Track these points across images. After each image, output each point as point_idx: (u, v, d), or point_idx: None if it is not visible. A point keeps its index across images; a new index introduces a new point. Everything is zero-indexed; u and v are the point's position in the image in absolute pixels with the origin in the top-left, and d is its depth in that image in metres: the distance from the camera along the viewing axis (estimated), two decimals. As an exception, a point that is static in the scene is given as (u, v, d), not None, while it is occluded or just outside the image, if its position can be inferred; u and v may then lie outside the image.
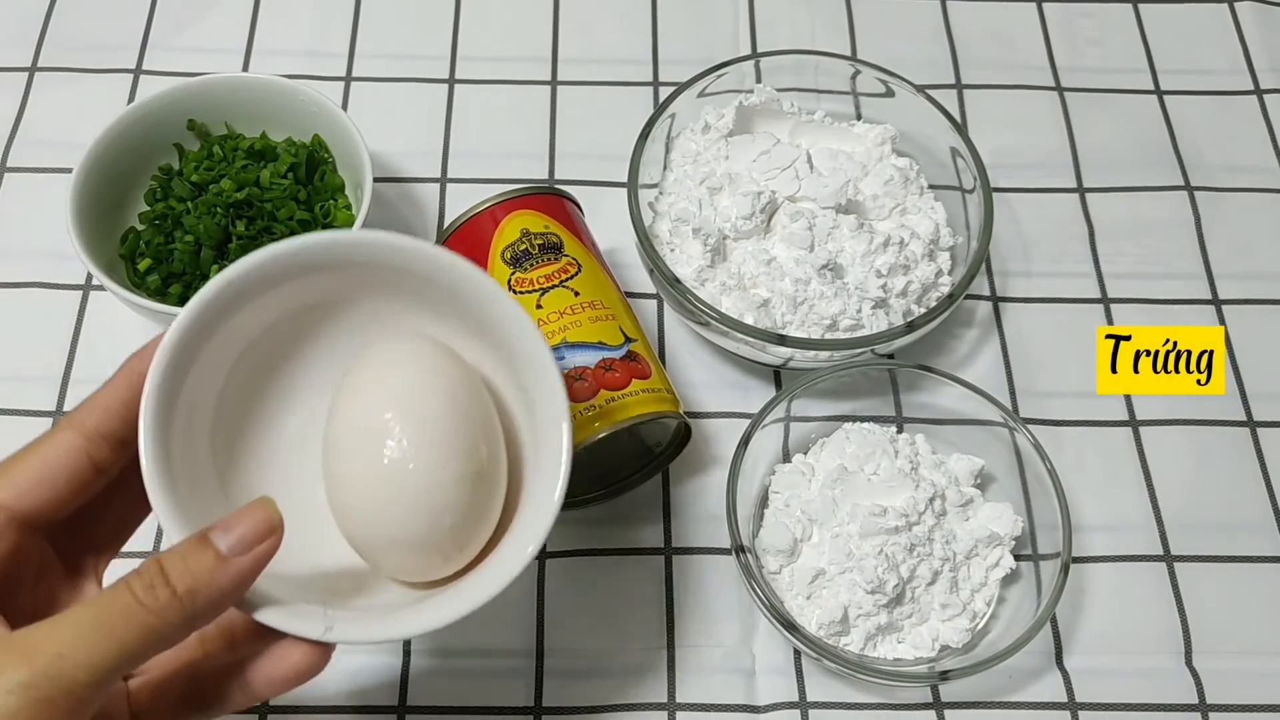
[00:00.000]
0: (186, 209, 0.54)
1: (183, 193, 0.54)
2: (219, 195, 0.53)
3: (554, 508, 0.36)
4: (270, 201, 0.53)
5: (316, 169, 0.56)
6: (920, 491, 0.50)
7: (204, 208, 0.53)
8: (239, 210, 0.53)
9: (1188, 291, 0.61)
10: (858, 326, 0.53)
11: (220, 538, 0.32)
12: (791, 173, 0.56)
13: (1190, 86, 0.68)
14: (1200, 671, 0.50)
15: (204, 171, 0.55)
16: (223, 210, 0.53)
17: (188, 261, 0.53)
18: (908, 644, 0.49)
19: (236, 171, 0.54)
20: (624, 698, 0.49)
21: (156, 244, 0.53)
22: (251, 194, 0.53)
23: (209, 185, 0.54)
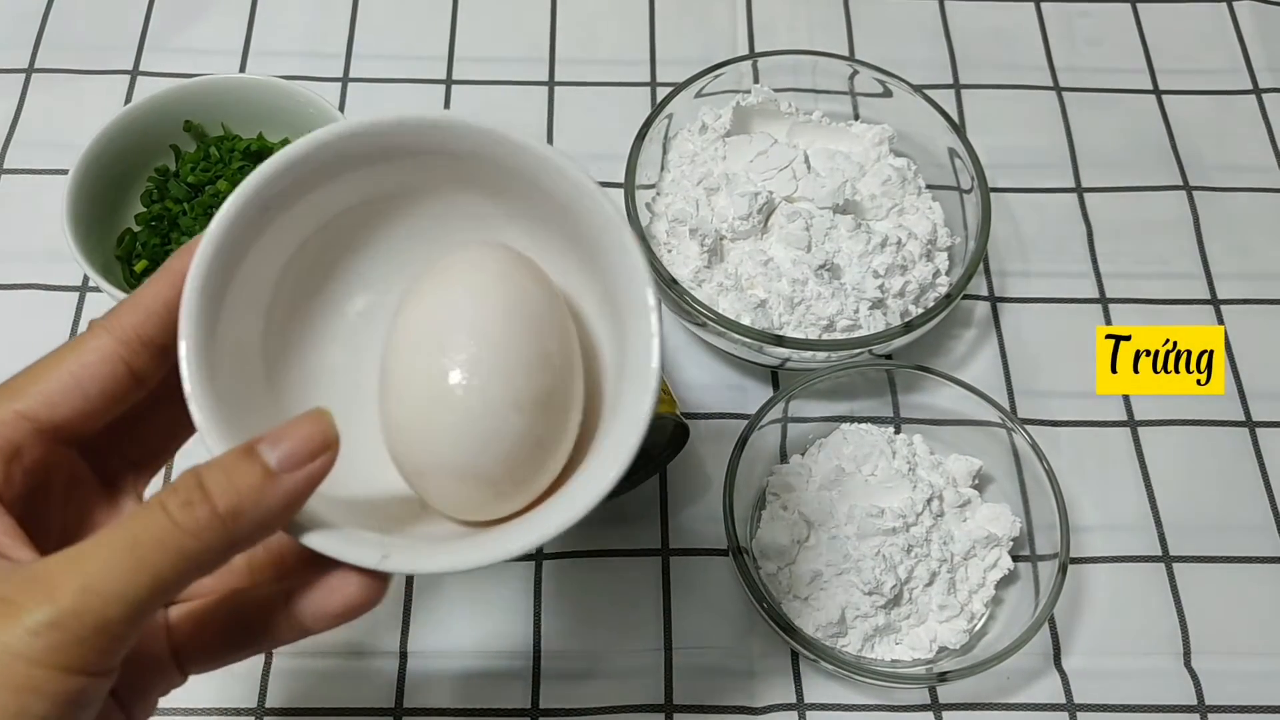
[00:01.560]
0: (183, 210, 0.54)
1: (179, 194, 0.54)
2: (215, 196, 0.53)
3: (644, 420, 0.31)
4: None
5: None
6: (918, 492, 0.50)
7: (200, 209, 0.53)
8: None
9: (1186, 291, 0.61)
10: (855, 327, 0.53)
11: (269, 450, 0.27)
12: (789, 173, 0.55)
13: (1189, 86, 0.68)
14: (1199, 672, 0.50)
15: (200, 173, 0.55)
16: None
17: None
18: (905, 645, 0.49)
19: (233, 173, 0.54)
20: (621, 699, 0.49)
21: (153, 245, 0.53)
22: None
23: (205, 186, 0.55)
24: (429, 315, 0.33)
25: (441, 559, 0.31)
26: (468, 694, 0.49)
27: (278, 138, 0.57)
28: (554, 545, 0.52)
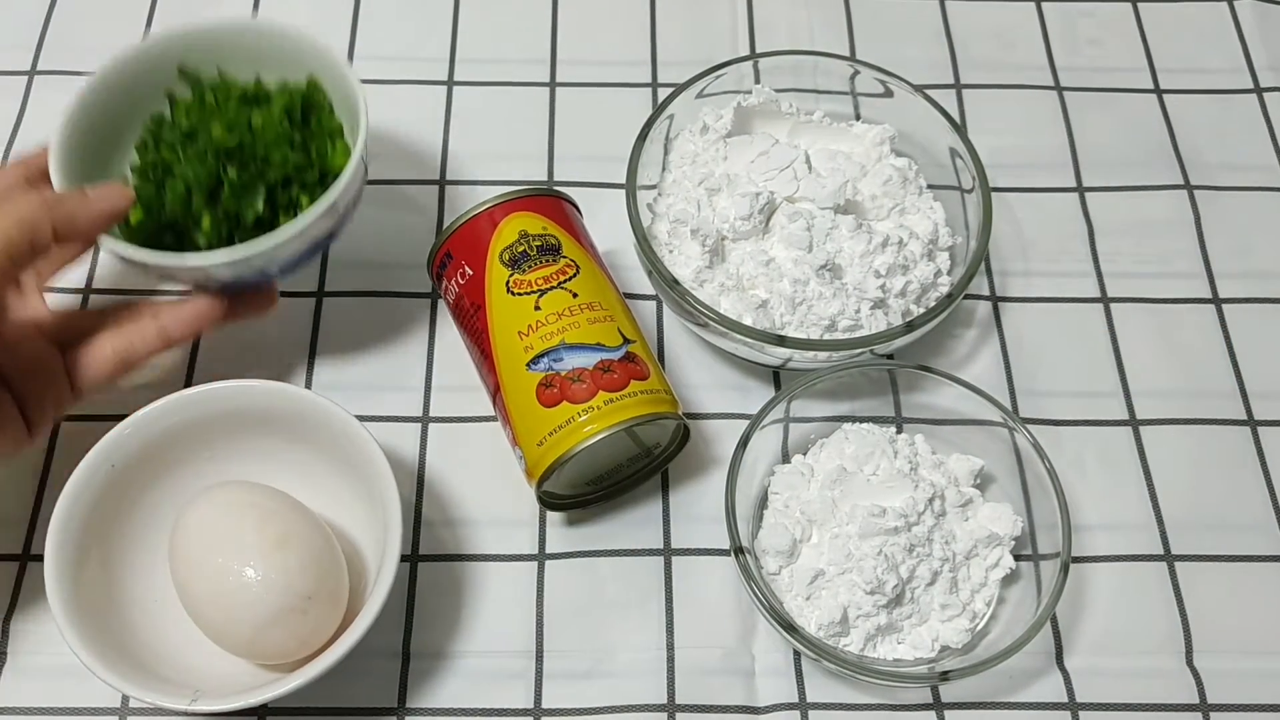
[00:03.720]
0: (177, 157, 0.51)
1: (173, 141, 0.51)
2: (210, 141, 0.50)
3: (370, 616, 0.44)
4: (264, 144, 0.51)
5: (312, 112, 0.53)
6: (920, 492, 0.50)
7: (196, 156, 0.50)
8: (231, 156, 0.50)
9: (1188, 290, 0.61)
10: (856, 327, 0.53)
11: (88, 187, 0.47)
12: (790, 173, 0.55)
13: (1190, 85, 0.68)
14: (1201, 671, 0.50)
15: (195, 118, 0.52)
16: (214, 156, 0.50)
17: (179, 210, 0.50)
18: (907, 644, 0.49)
19: (229, 118, 0.51)
20: (623, 699, 0.49)
21: (148, 195, 0.50)
22: (244, 139, 0.50)
23: (200, 132, 0.51)
24: (207, 533, 0.45)
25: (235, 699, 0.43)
26: (470, 693, 0.49)
27: (274, 79, 0.54)
28: (556, 545, 0.52)
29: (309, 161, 0.52)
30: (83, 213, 0.45)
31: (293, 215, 0.50)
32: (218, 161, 0.50)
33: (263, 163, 0.50)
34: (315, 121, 0.53)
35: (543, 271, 0.50)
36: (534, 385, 0.48)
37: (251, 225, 0.50)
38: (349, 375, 0.56)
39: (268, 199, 0.50)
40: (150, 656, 0.45)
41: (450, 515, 0.53)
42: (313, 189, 0.51)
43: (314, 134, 0.53)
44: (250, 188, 0.50)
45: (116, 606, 0.46)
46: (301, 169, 0.51)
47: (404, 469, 0.54)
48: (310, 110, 0.53)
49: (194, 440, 0.49)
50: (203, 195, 0.50)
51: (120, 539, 0.48)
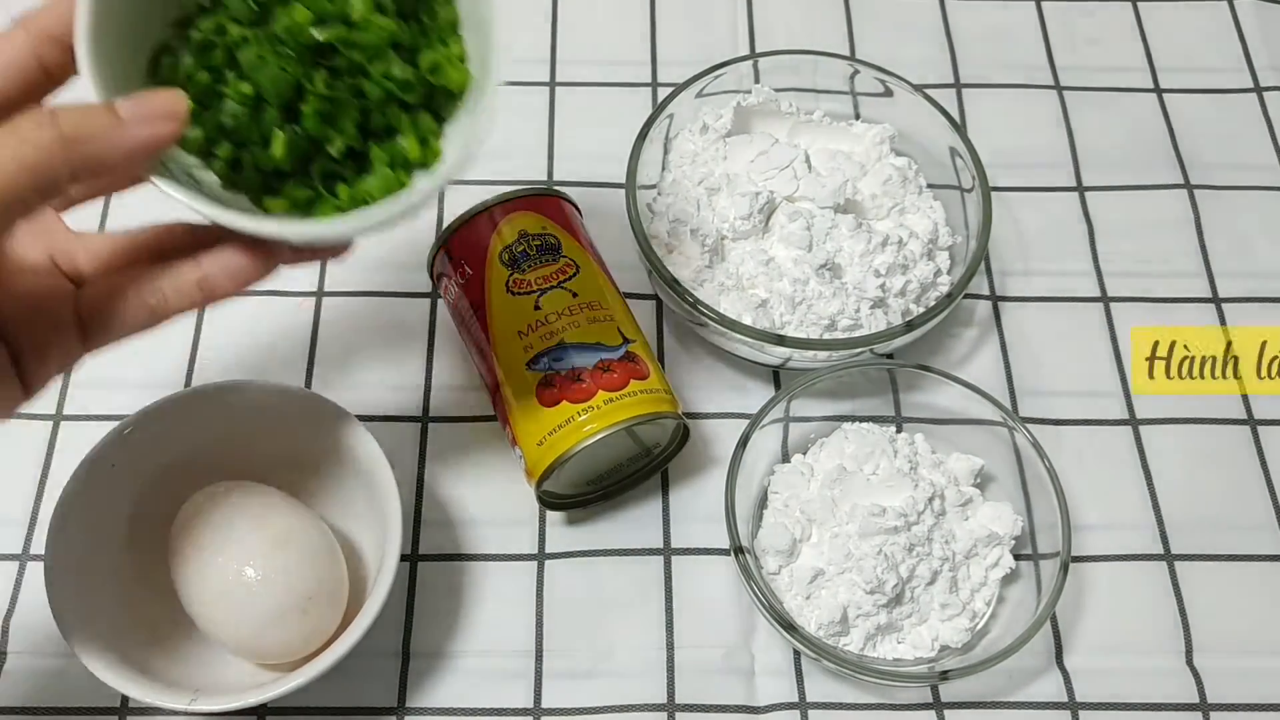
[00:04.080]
0: (244, 38, 0.37)
1: (239, 11, 0.37)
2: (291, 31, 0.36)
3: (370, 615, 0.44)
4: (362, 48, 0.37)
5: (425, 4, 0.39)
6: (919, 491, 0.50)
7: (269, 43, 0.36)
8: (318, 55, 0.37)
9: (1188, 290, 0.61)
10: (856, 326, 0.53)
11: (124, 104, 0.32)
12: (790, 173, 0.56)
13: (1190, 85, 0.68)
14: (1201, 670, 0.50)
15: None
16: (295, 53, 0.36)
17: (243, 120, 0.36)
18: (907, 644, 0.49)
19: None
20: (623, 698, 0.49)
21: (200, 84, 0.37)
22: (337, 34, 0.36)
23: (276, 6, 0.37)
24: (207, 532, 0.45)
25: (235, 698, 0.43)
26: (470, 693, 0.49)
27: None
28: (556, 545, 0.52)
29: (415, 79, 0.38)
30: (113, 148, 0.32)
31: (390, 145, 0.38)
32: (300, 62, 0.37)
33: (359, 73, 0.37)
34: (427, 12, 0.39)
35: (542, 271, 0.50)
36: (534, 385, 0.48)
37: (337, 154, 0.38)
38: (349, 375, 0.56)
39: (359, 123, 0.38)
40: (150, 656, 0.45)
41: (450, 515, 0.53)
42: (415, 113, 0.39)
43: (424, 33, 0.39)
44: (341, 105, 0.37)
45: (116, 606, 0.46)
46: (407, 87, 0.38)
47: (404, 469, 0.54)
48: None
49: (194, 440, 0.49)
50: (277, 106, 0.37)
51: (120, 539, 0.48)
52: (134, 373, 0.55)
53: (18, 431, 0.54)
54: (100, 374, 0.55)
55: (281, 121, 0.37)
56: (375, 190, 0.37)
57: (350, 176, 0.38)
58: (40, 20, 0.34)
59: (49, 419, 0.54)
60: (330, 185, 0.38)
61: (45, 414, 0.54)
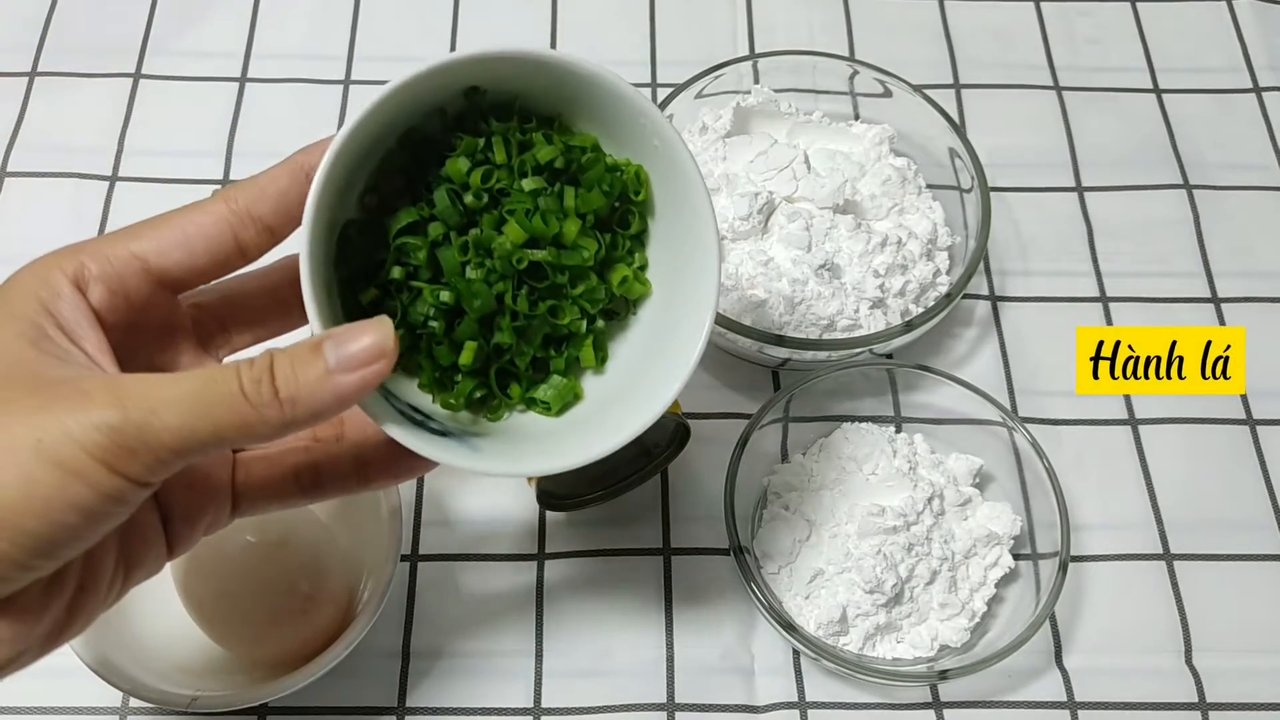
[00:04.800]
0: (446, 237, 0.35)
1: (447, 214, 0.35)
2: (506, 249, 0.34)
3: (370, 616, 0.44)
4: (568, 270, 0.36)
5: (621, 211, 0.37)
6: (919, 491, 0.50)
7: (477, 253, 0.35)
8: (526, 276, 0.35)
9: (1187, 290, 0.61)
10: (855, 326, 0.53)
11: (331, 350, 0.30)
12: (789, 173, 0.56)
13: (1189, 85, 0.68)
14: (1200, 670, 0.50)
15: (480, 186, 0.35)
16: (504, 270, 0.35)
17: (436, 325, 0.35)
18: (906, 643, 0.49)
19: (528, 206, 0.35)
20: (623, 698, 0.49)
21: (394, 275, 0.35)
22: (549, 257, 0.35)
23: (485, 214, 0.35)
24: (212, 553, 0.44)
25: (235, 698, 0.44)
26: (470, 692, 0.49)
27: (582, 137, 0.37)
28: (556, 545, 0.52)
29: (607, 291, 0.37)
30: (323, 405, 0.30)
31: (564, 353, 0.37)
32: (507, 279, 0.35)
33: (559, 294, 0.36)
34: (619, 222, 0.38)
35: (542, 272, 0.50)
36: (533, 385, 0.48)
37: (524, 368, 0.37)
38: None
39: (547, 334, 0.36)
40: (150, 656, 0.45)
41: (450, 515, 0.53)
42: (594, 322, 0.37)
43: (613, 245, 0.37)
44: (536, 323, 0.36)
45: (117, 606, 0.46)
46: (595, 300, 0.37)
47: (404, 469, 0.54)
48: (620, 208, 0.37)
49: None
50: (476, 321, 0.35)
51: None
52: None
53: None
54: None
55: (477, 332, 0.35)
56: (551, 399, 0.37)
57: (524, 377, 0.37)
58: (242, 198, 0.33)
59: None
60: (504, 383, 0.37)
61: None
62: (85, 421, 0.27)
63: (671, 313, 0.37)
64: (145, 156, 0.63)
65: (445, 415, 0.36)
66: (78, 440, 0.27)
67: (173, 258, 0.33)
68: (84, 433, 0.27)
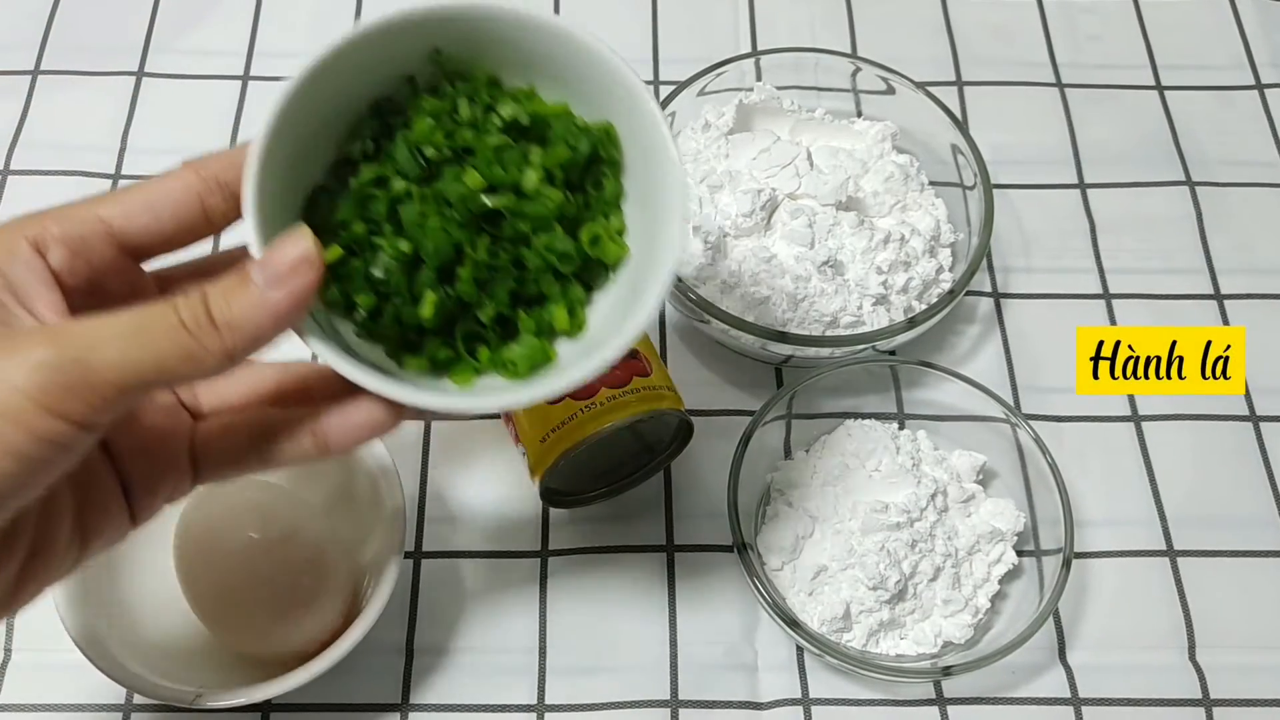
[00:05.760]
0: (407, 192, 0.35)
1: (408, 166, 0.35)
2: (463, 196, 0.35)
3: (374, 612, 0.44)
4: (530, 219, 0.35)
5: (593, 169, 0.37)
6: (922, 488, 0.50)
7: (433, 204, 0.35)
8: (485, 223, 0.35)
9: (1190, 287, 0.61)
10: (858, 323, 0.53)
11: (258, 272, 0.31)
12: (792, 170, 0.56)
13: (1191, 82, 0.68)
14: (1203, 666, 0.50)
15: (444, 143, 0.35)
16: (462, 217, 0.35)
17: (396, 277, 0.35)
18: (910, 640, 0.49)
19: (489, 159, 0.35)
20: (626, 695, 0.49)
21: (356, 231, 0.35)
22: (507, 203, 0.35)
23: (445, 166, 0.36)
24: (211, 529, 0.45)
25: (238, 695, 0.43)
26: (474, 689, 0.49)
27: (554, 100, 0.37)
28: (559, 542, 0.52)
29: (575, 250, 0.37)
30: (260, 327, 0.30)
31: (536, 314, 0.37)
32: (465, 228, 0.35)
33: (522, 242, 0.36)
34: (594, 184, 0.38)
35: (545, 268, 0.50)
36: (537, 382, 0.48)
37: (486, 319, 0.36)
38: (352, 373, 0.56)
39: (513, 289, 0.36)
40: (153, 653, 0.45)
41: (453, 512, 0.53)
42: (566, 282, 0.37)
43: (587, 205, 0.37)
44: (499, 274, 0.36)
45: (120, 603, 0.47)
46: (566, 259, 0.36)
47: (407, 466, 0.54)
48: (592, 167, 0.37)
49: None
50: (435, 269, 0.35)
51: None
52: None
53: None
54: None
55: (435, 283, 0.35)
56: (519, 359, 0.36)
57: (493, 340, 0.36)
58: (212, 165, 0.33)
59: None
60: (471, 346, 0.36)
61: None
62: (20, 363, 0.27)
63: (646, 272, 0.36)
64: (148, 155, 0.63)
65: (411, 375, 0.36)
66: (12, 383, 0.27)
67: (138, 222, 0.33)
68: (20, 374, 0.27)
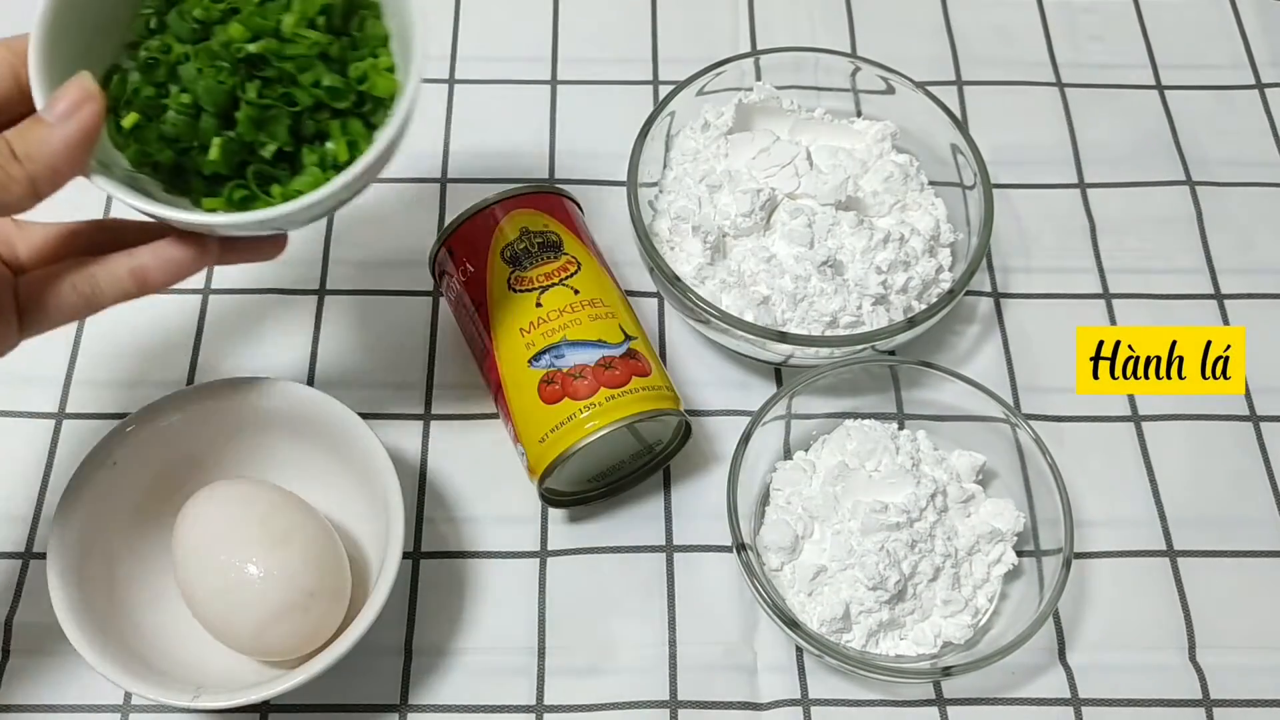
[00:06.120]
0: (184, 55, 0.40)
1: (182, 32, 0.41)
2: (226, 45, 0.40)
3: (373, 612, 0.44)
4: (292, 59, 0.40)
5: (355, 14, 0.43)
6: (921, 488, 0.50)
7: (207, 58, 0.40)
8: (252, 67, 0.40)
9: (1190, 286, 0.61)
10: (858, 323, 0.53)
11: (46, 111, 0.37)
12: (791, 170, 0.56)
13: (1191, 81, 0.68)
14: (1204, 666, 0.50)
15: (211, 5, 0.41)
16: (230, 65, 0.40)
17: (183, 128, 0.40)
18: (910, 640, 0.49)
19: (252, 10, 0.41)
20: (626, 696, 0.49)
21: (146, 97, 0.40)
22: (268, 46, 0.40)
23: (215, 25, 0.41)
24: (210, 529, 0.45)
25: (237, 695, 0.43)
26: (473, 690, 0.49)
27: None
28: (558, 542, 0.52)
29: (345, 85, 0.41)
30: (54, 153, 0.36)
31: (319, 149, 0.42)
32: (235, 74, 0.40)
33: (290, 81, 0.41)
34: (357, 27, 0.43)
35: (544, 268, 0.50)
36: (535, 382, 0.48)
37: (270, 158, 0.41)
38: (351, 373, 0.56)
39: (291, 127, 0.41)
40: (152, 653, 0.45)
41: (452, 512, 0.53)
42: (346, 118, 0.42)
43: (354, 45, 0.42)
44: (272, 112, 0.41)
45: (119, 603, 0.47)
46: (336, 93, 0.41)
47: (406, 466, 0.54)
48: (352, 11, 0.43)
49: (196, 437, 0.49)
50: (214, 115, 0.40)
51: (122, 536, 0.48)
52: (136, 371, 0.55)
53: (20, 429, 0.54)
54: (103, 372, 0.55)
55: (219, 128, 0.40)
56: (305, 187, 0.40)
57: (284, 178, 0.41)
58: (19, 44, 0.38)
59: (51, 417, 0.54)
60: (265, 187, 0.41)
61: (48, 412, 0.54)
62: None
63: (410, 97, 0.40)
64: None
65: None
66: None
67: None
68: None
